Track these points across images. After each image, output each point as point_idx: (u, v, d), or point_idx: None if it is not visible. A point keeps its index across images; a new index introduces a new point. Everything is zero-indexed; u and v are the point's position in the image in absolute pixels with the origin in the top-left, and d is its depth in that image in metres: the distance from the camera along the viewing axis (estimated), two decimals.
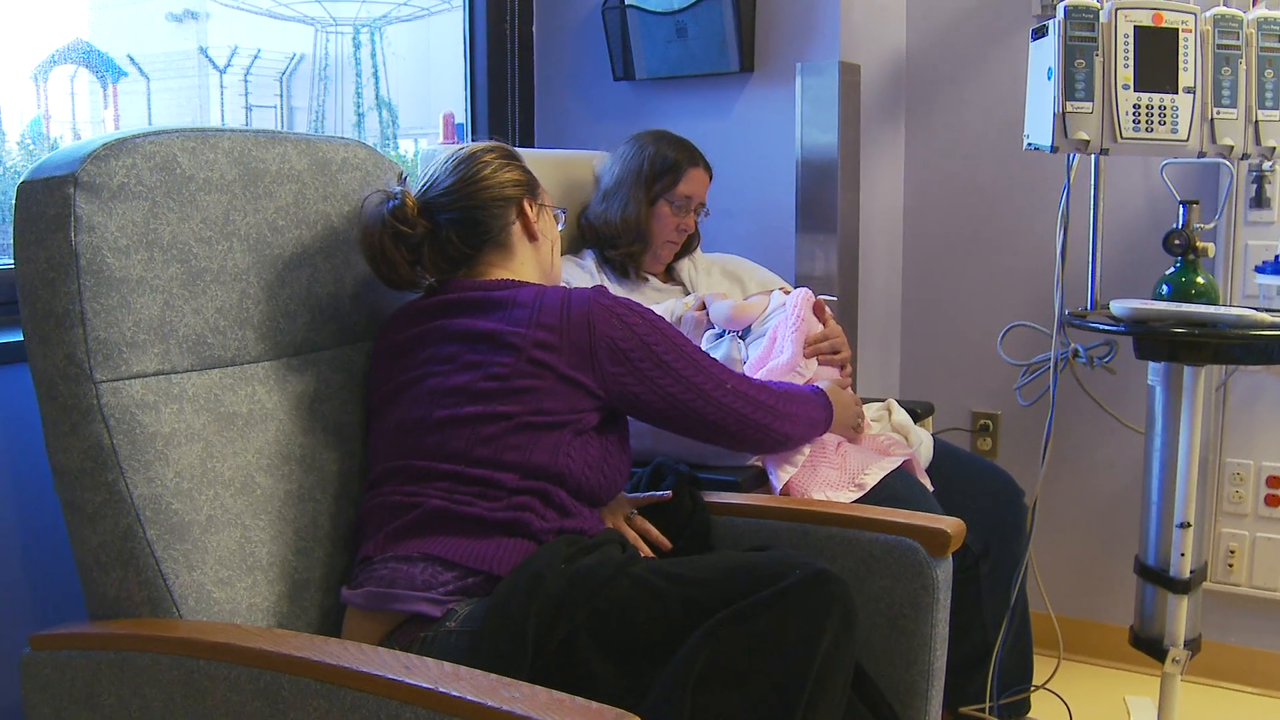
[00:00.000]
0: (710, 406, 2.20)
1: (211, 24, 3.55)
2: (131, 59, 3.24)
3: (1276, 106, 2.70)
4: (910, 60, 3.90)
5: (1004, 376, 3.72)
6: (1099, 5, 2.65)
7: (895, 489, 2.48)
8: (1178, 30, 2.66)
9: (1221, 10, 2.69)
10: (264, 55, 3.73)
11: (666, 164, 3.16)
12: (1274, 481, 3.46)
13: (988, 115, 3.78)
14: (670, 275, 3.32)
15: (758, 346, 2.75)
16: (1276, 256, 2.99)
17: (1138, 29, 2.64)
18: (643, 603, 1.84)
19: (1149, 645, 2.95)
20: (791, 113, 3.52)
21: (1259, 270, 3.02)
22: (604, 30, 3.87)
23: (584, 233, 3.28)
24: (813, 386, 2.48)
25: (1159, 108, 2.65)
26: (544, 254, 2.34)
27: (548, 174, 3.18)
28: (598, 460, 2.11)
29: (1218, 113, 2.69)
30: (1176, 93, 2.66)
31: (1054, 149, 2.66)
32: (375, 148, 2.42)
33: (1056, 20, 2.64)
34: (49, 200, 1.83)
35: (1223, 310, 2.67)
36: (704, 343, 2.80)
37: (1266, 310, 2.71)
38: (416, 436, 2.08)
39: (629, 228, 3.16)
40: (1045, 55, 2.69)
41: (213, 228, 2.03)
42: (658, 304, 3.02)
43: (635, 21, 3.77)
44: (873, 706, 2.05)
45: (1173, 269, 2.91)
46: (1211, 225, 3.25)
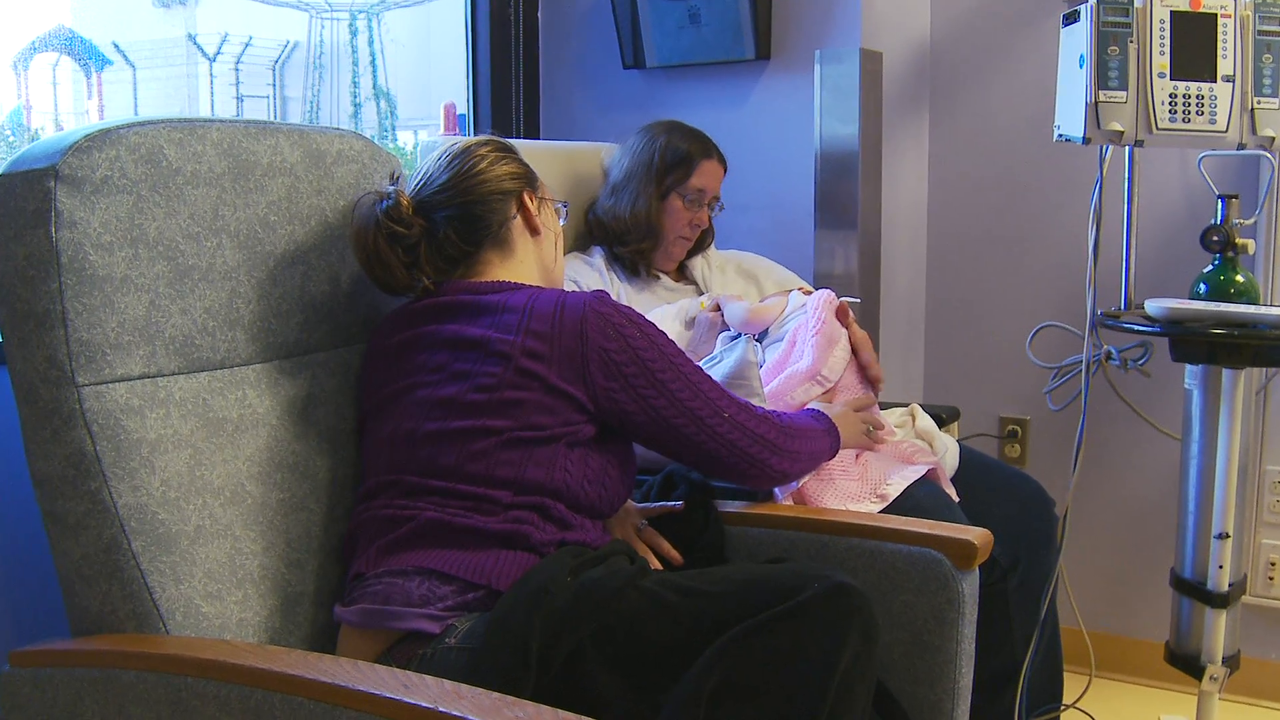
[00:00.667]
0: (704, 434, 2.15)
1: (201, 10, 3.55)
2: (117, 47, 3.25)
3: None
4: (935, 47, 3.89)
5: (1033, 380, 3.71)
6: None
7: (919, 499, 2.48)
8: (1216, 15, 2.65)
9: None
10: (256, 43, 3.73)
11: (678, 156, 3.16)
12: None
13: (1016, 105, 3.77)
14: (683, 273, 3.32)
15: (775, 350, 2.74)
16: None
17: (1174, 14, 2.64)
18: (653, 617, 1.84)
19: (1185, 662, 2.94)
20: (810, 103, 3.51)
21: None
22: (613, 16, 3.87)
23: (592, 229, 3.27)
24: (814, 412, 2.45)
25: (1196, 97, 2.64)
26: (546, 250, 2.34)
27: (553, 167, 3.18)
28: (598, 474, 2.09)
29: (1258, 102, 2.68)
30: (1215, 81, 2.65)
31: (1086, 141, 2.66)
32: (373, 140, 2.42)
33: (1089, 5, 2.64)
34: (28, 194, 1.83)
35: (1263, 310, 2.67)
36: (718, 345, 2.79)
37: None
38: (407, 450, 2.07)
39: (639, 223, 3.16)
40: (1077, 42, 2.68)
41: (201, 223, 2.02)
42: (670, 304, 3.01)
43: (646, 6, 3.77)
44: None
45: (1211, 267, 2.91)
46: (1251, 221, 3.24)
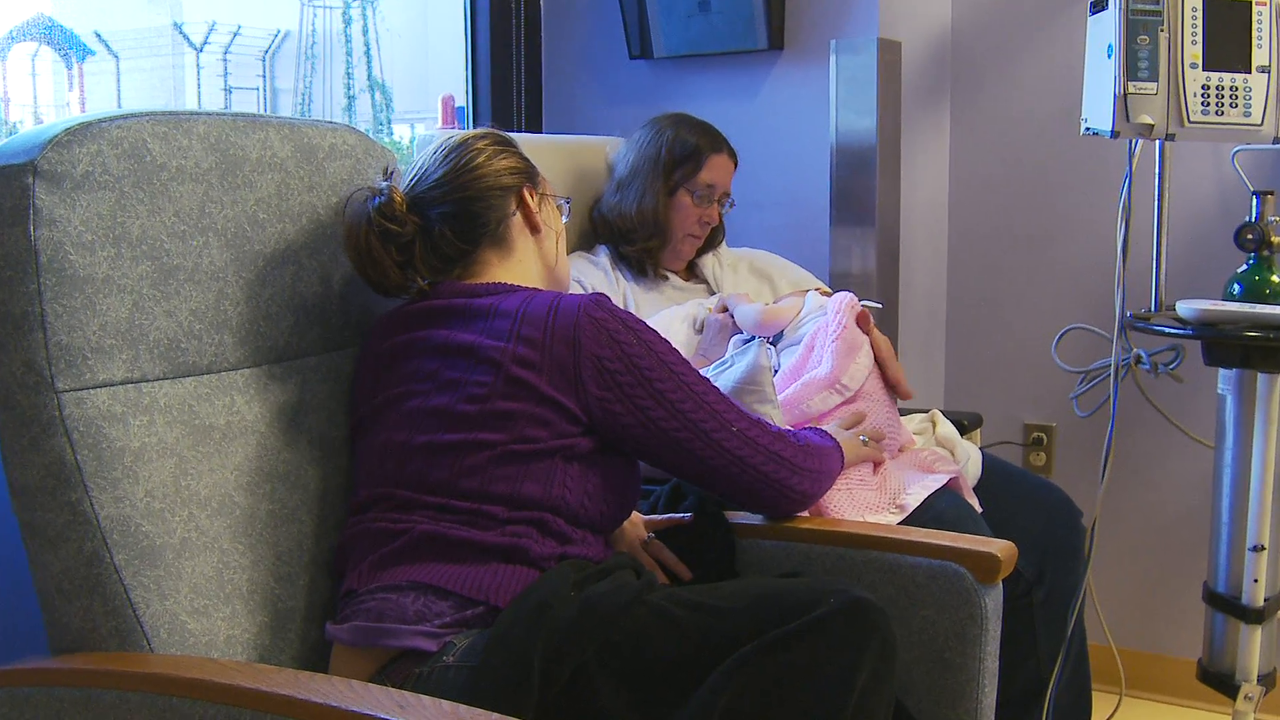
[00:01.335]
0: (710, 450, 2.10)
1: None
2: (99, 36, 3.25)
3: None
4: (956, 37, 3.89)
5: (1059, 385, 3.70)
6: None
7: (940, 509, 2.47)
8: (1251, 3, 2.65)
9: None
10: (245, 32, 3.74)
11: (687, 150, 3.16)
12: None
13: (1041, 97, 3.76)
14: (692, 273, 3.32)
15: (791, 355, 2.73)
16: None
17: (1207, 2, 2.63)
18: (660, 634, 1.83)
19: (1219, 680, 2.94)
20: (825, 94, 3.51)
21: None
22: (619, 4, 3.87)
23: (597, 226, 3.27)
24: (820, 431, 2.42)
25: (1230, 88, 2.64)
26: (548, 248, 2.32)
27: (556, 162, 3.18)
28: (599, 490, 2.08)
29: None
30: (1249, 72, 2.65)
31: (1115, 134, 2.65)
32: (367, 133, 2.41)
33: None
34: (5, 191, 1.82)
35: None
36: (729, 348, 2.78)
37: None
38: (398, 463, 2.06)
39: (646, 220, 3.15)
40: (1105, 31, 2.68)
41: (187, 221, 2.02)
42: (678, 305, 3.01)
43: None
44: None
45: (1245, 266, 2.90)
46: None
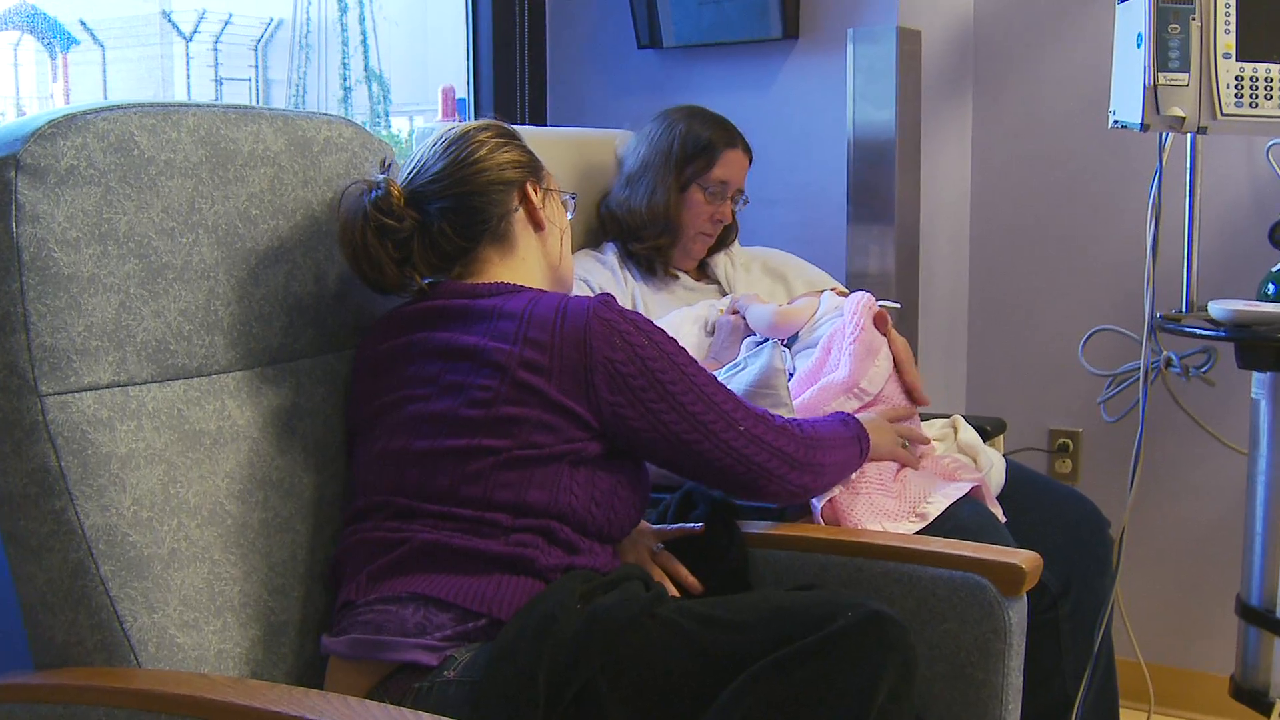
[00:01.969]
0: (719, 450, 2.12)
1: None
2: (84, 25, 3.25)
3: None
4: (979, 25, 3.89)
5: (1086, 389, 3.70)
6: None
7: (962, 519, 2.47)
8: None
9: None
10: (236, 21, 3.74)
11: (700, 145, 3.15)
12: None
13: (1067, 89, 3.76)
14: (704, 272, 3.32)
15: (807, 358, 2.73)
16: None
17: None
18: (670, 648, 1.83)
19: (1252, 697, 2.93)
20: (842, 86, 3.51)
21: None
22: None
23: (604, 223, 3.27)
24: (841, 416, 2.43)
25: (1265, 79, 2.63)
26: (551, 246, 2.33)
27: (562, 156, 3.18)
28: (606, 496, 2.08)
29: None
30: None
31: (1144, 127, 2.65)
32: (364, 126, 2.42)
33: None
34: None
35: None
36: (742, 350, 2.78)
37: None
38: (397, 470, 2.06)
39: (656, 217, 3.15)
40: (1134, 20, 2.67)
41: (176, 217, 2.02)
42: (689, 306, 3.01)
43: None
44: None
45: None
46: None
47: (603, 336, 2.04)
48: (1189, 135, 3.00)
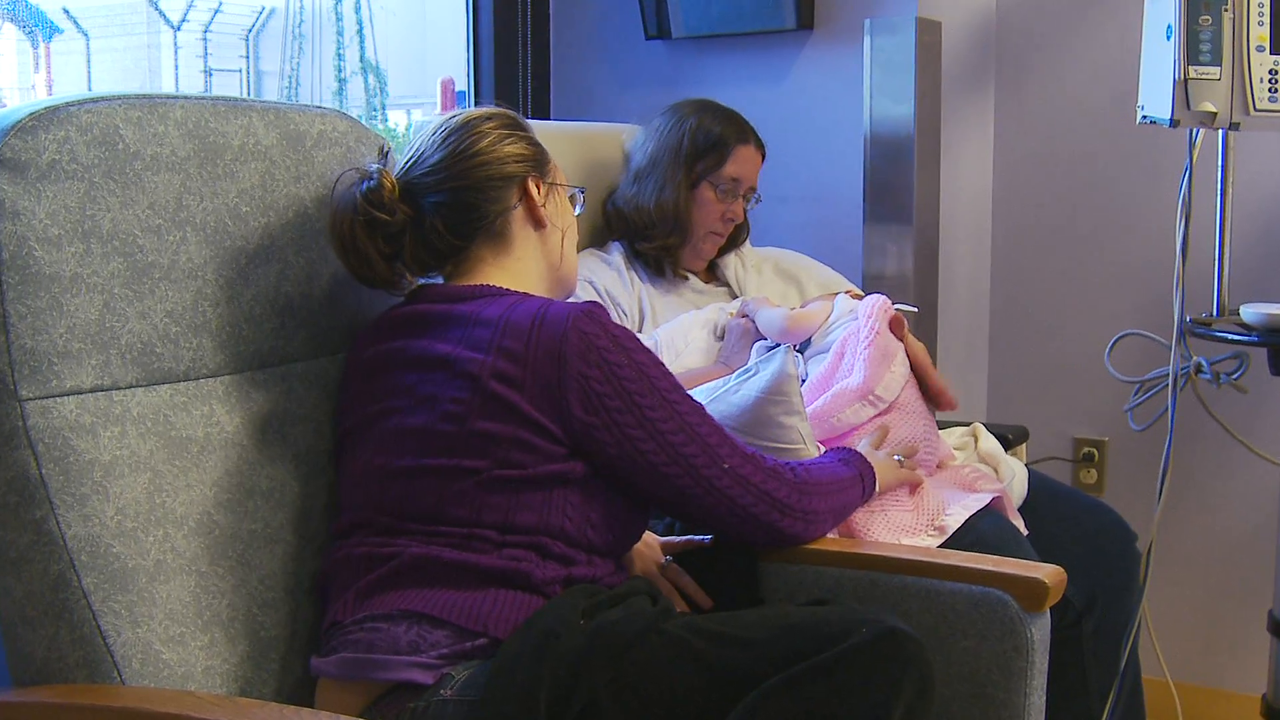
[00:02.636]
0: (699, 487, 2.08)
1: None
2: (67, 13, 3.26)
3: None
4: (1001, 16, 3.89)
5: (1112, 396, 3.69)
6: None
7: (982, 531, 2.47)
8: None
9: None
10: (226, 9, 3.75)
11: (711, 140, 3.15)
12: None
13: (1094, 83, 3.76)
14: (713, 274, 3.32)
15: (820, 364, 2.73)
16: None
17: None
18: (678, 666, 1.83)
19: None
20: (859, 79, 3.51)
21: None
22: None
23: (610, 221, 3.27)
24: (842, 453, 2.41)
25: None
26: (552, 246, 2.29)
27: (566, 151, 3.17)
28: (603, 517, 2.06)
29: None
30: None
31: (1174, 123, 2.65)
32: (359, 120, 2.41)
33: None
34: None
35: None
36: (753, 355, 2.77)
37: None
38: (380, 487, 2.06)
39: (665, 216, 3.15)
40: (1164, 11, 2.67)
41: (162, 214, 2.02)
42: (697, 309, 3.01)
43: None
44: None
45: None
46: None
47: (578, 350, 2.00)
48: (1220, 131, 3.00)
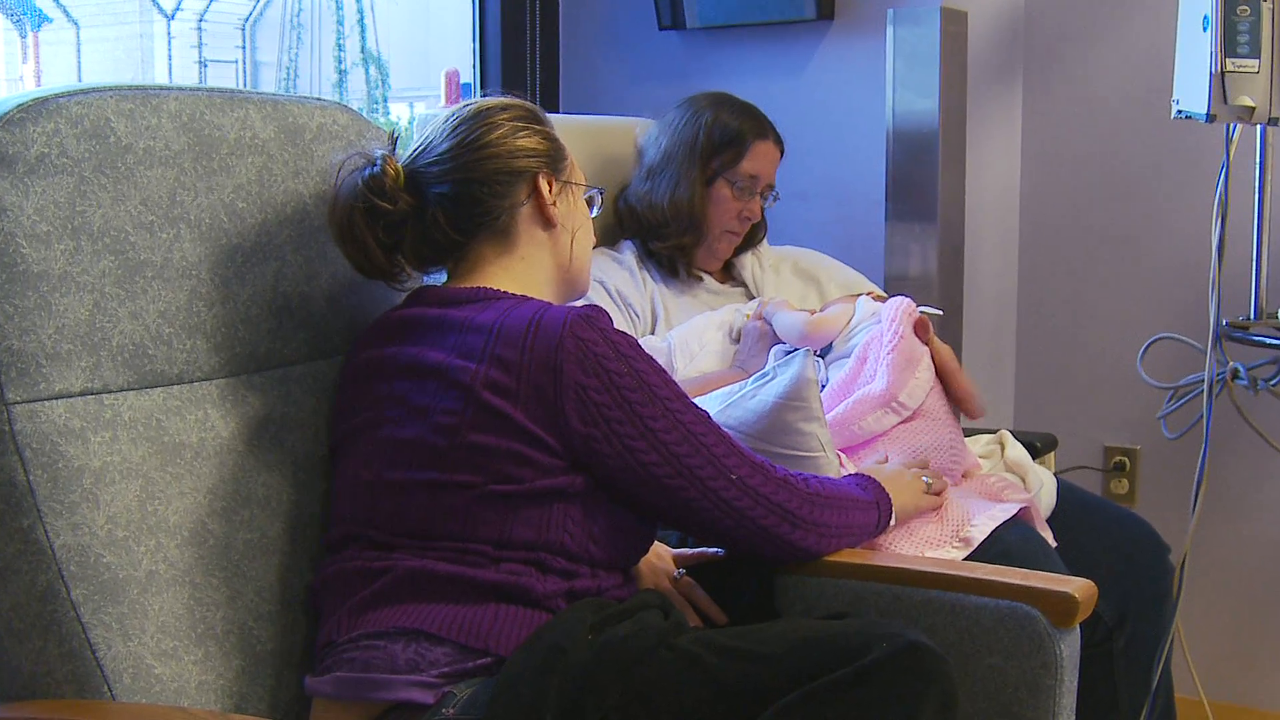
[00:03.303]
0: (706, 500, 2.06)
1: None
2: (57, 1, 3.26)
3: None
4: (1029, 6, 3.89)
5: (1145, 403, 3.69)
6: None
7: (1009, 543, 2.46)
8: None
9: None
10: None
11: (728, 135, 3.15)
12: None
13: (1127, 76, 3.75)
14: (729, 274, 3.32)
15: (841, 369, 2.72)
16: None
17: None
18: (689, 682, 1.83)
19: None
20: (881, 71, 3.51)
21: None
22: None
23: (622, 219, 3.27)
24: (860, 479, 2.38)
25: None
26: (562, 247, 2.26)
27: (576, 146, 3.13)
28: (606, 532, 2.05)
29: None
30: None
31: (1210, 118, 2.64)
32: (360, 112, 2.41)
33: None
34: None
35: None
36: (770, 359, 2.77)
37: None
38: (370, 501, 2.05)
39: (679, 214, 3.15)
40: (1200, 1, 2.66)
41: (155, 211, 2.02)
42: (712, 311, 3.00)
43: None
44: None
45: None
46: None
47: (575, 358, 1.98)
48: (1258, 127, 2.99)
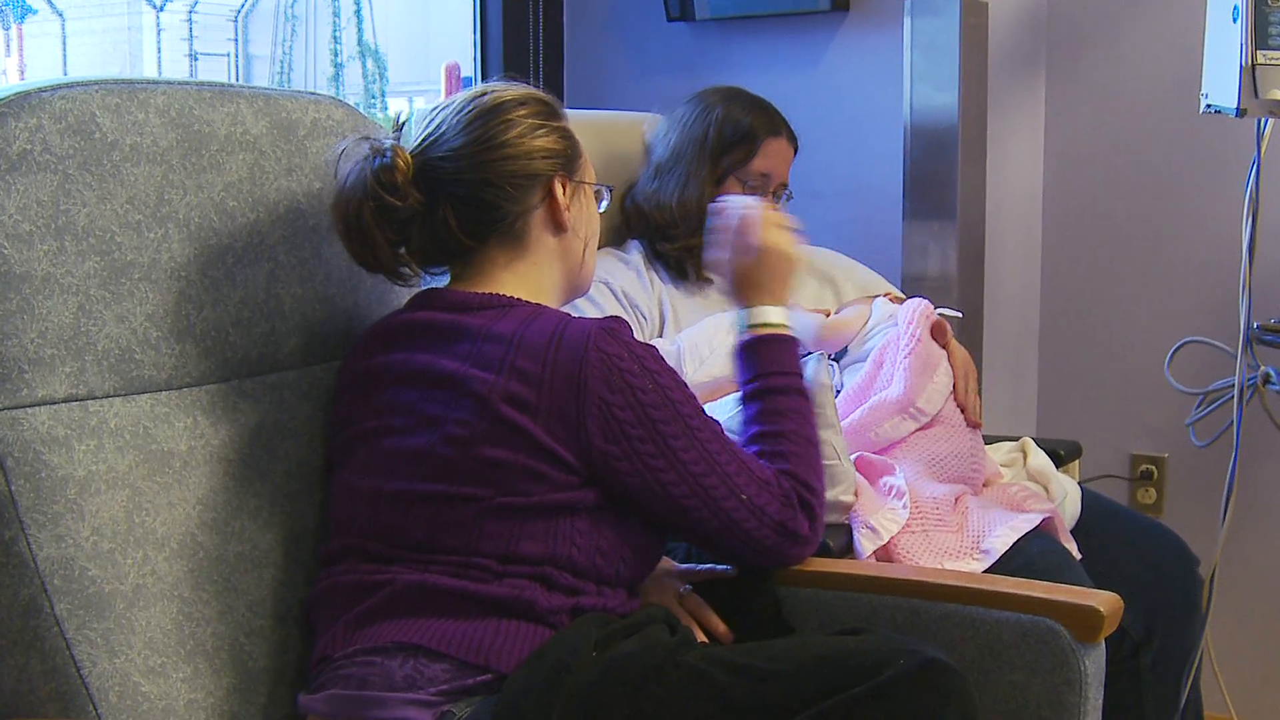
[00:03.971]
0: (716, 519, 2.07)
1: None
2: None
3: None
4: None
5: (1173, 409, 3.68)
6: None
7: (1031, 555, 2.46)
8: None
9: None
10: None
11: (739, 132, 3.15)
12: None
13: (1153, 68, 3.75)
14: None
15: (856, 373, 2.72)
16: None
17: None
18: (698, 701, 1.82)
19: None
20: (899, 64, 3.51)
21: None
22: None
23: (629, 219, 3.26)
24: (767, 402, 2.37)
25: None
26: (572, 252, 2.25)
27: (582, 142, 3.17)
28: (614, 546, 2.05)
29: None
30: None
31: (1240, 112, 2.64)
32: (357, 107, 2.41)
33: None
34: None
35: None
36: None
37: None
38: (369, 512, 2.05)
39: (689, 214, 3.14)
40: None
41: (143, 209, 2.02)
42: (723, 314, 3.00)
43: None
44: None
45: None
46: None
47: (600, 373, 1.98)
48: None
